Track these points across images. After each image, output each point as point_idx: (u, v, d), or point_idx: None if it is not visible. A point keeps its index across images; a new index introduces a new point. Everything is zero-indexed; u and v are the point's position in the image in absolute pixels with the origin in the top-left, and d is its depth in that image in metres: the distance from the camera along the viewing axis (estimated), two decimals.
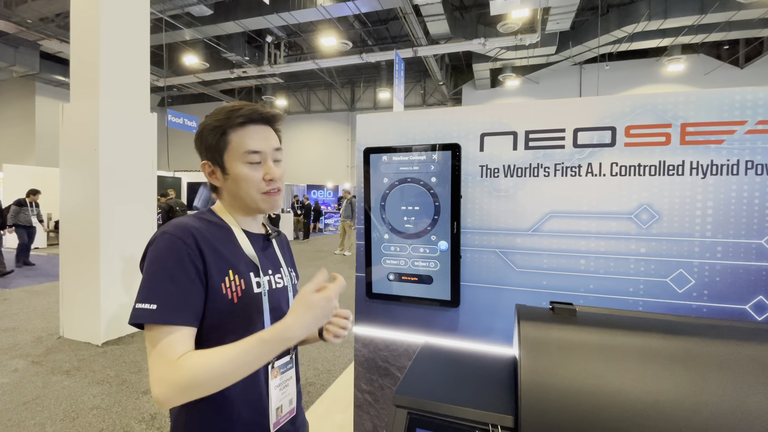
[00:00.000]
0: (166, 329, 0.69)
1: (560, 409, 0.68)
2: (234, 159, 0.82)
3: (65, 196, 3.94)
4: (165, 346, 0.68)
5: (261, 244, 0.92)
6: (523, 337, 0.78)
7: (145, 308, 0.69)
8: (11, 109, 14.60)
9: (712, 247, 1.11)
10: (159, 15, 9.56)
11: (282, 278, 0.93)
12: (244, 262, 0.83)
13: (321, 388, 2.97)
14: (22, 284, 6.05)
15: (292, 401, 0.92)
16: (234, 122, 0.81)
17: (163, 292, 0.71)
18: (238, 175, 0.82)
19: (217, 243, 0.80)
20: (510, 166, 1.27)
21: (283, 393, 0.89)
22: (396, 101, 9.37)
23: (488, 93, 15.56)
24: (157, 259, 0.73)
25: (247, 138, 0.82)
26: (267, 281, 0.87)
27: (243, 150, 0.81)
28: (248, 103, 0.84)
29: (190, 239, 0.75)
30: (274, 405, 0.85)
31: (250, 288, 0.82)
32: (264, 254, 0.91)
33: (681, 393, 0.65)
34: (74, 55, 3.97)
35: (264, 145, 0.83)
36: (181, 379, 0.65)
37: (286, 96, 18.95)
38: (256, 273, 0.85)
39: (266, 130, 0.85)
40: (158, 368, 0.66)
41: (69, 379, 3.05)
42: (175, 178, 12.21)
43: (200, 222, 0.82)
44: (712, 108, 1.10)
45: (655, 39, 11.33)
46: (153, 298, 0.70)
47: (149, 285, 0.71)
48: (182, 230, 0.76)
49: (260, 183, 0.83)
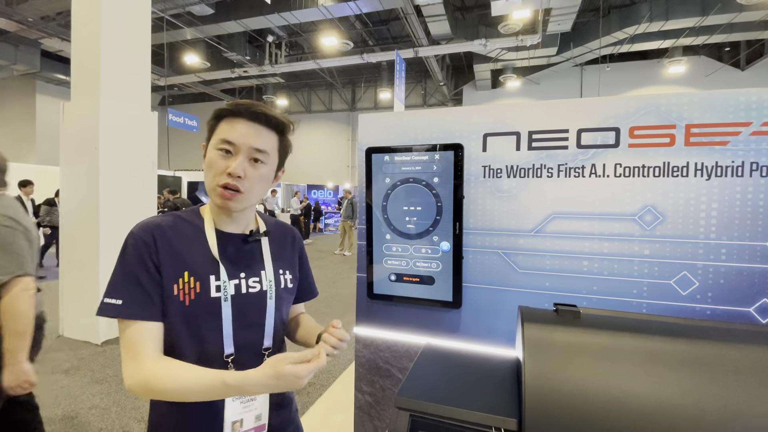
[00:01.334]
0: (134, 324, 0.74)
1: (565, 412, 0.67)
2: (212, 144, 0.82)
3: (65, 195, 3.93)
4: (133, 341, 0.73)
5: (237, 244, 0.86)
6: (527, 339, 0.77)
7: (112, 303, 0.74)
8: (12, 107, 14.59)
9: (717, 249, 1.10)
10: (160, 14, 9.55)
11: (260, 282, 0.86)
12: (204, 263, 0.80)
13: (320, 389, 2.96)
14: None
15: (260, 417, 0.84)
16: (227, 110, 0.82)
17: (127, 288, 0.75)
18: (208, 160, 0.82)
19: (179, 242, 0.80)
20: (513, 166, 1.26)
21: (246, 407, 0.82)
22: (397, 101, 9.37)
23: (489, 94, 15.56)
24: (122, 256, 0.78)
25: (228, 127, 0.80)
26: (234, 285, 0.82)
27: (219, 137, 0.81)
28: (253, 101, 0.83)
29: (149, 238, 0.78)
30: (229, 417, 0.80)
31: (206, 291, 0.79)
32: (239, 255, 0.86)
33: (686, 396, 0.64)
34: (75, 54, 3.97)
35: (240, 139, 0.79)
36: (145, 381, 0.71)
37: (287, 96, 18.95)
38: (218, 276, 0.81)
39: (256, 127, 0.81)
40: (127, 361, 0.73)
41: (68, 378, 3.05)
42: (176, 177, 12.21)
43: (173, 220, 0.83)
44: (716, 109, 1.09)
45: (656, 40, 11.34)
46: (118, 294, 0.75)
47: (115, 281, 0.76)
48: (144, 229, 0.79)
49: (221, 174, 0.79)
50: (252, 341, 0.84)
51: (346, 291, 5.94)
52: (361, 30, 12.52)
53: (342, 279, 6.85)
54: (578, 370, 0.71)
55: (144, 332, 0.74)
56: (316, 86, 18.94)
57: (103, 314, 0.75)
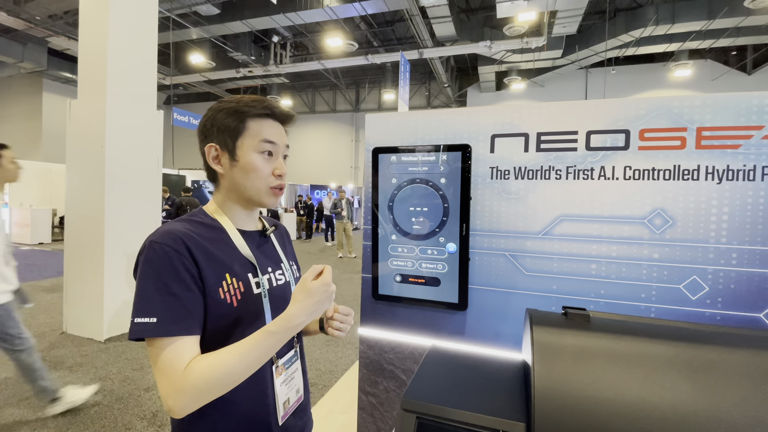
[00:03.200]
0: (169, 341, 0.68)
1: (575, 417, 0.66)
2: (248, 146, 0.80)
3: (71, 193, 3.95)
4: (171, 358, 0.67)
5: (257, 241, 0.89)
6: (537, 342, 0.76)
7: (145, 322, 0.67)
8: (18, 104, 14.70)
9: (727, 253, 1.09)
10: (166, 13, 9.59)
11: (283, 274, 0.91)
12: (240, 264, 0.81)
13: (323, 389, 2.96)
14: (28, 279, 6.08)
15: (299, 390, 0.92)
16: (256, 111, 0.81)
17: (161, 304, 0.68)
18: (249, 163, 0.80)
19: (211, 246, 0.77)
20: (521, 168, 1.26)
21: (290, 386, 0.88)
22: (401, 102, 9.37)
23: (493, 96, 15.54)
24: (151, 270, 0.70)
25: (266, 128, 0.82)
26: (267, 280, 0.85)
27: (260, 138, 0.80)
28: (266, 98, 0.84)
29: (182, 246, 0.72)
30: (281, 400, 0.85)
31: (249, 290, 0.80)
32: (262, 252, 0.88)
33: (699, 403, 0.63)
34: (82, 53, 3.99)
35: (280, 140, 0.83)
36: (193, 387, 0.65)
37: (291, 96, 18.98)
38: (255, 273, 0.82)
39: (280, 127, 0.86)
40: (168, 380, 0.66)
41: (72, 374, 3.05)
42: (180, 176, 12.25)
43: (191, 225, 0.79)
44: (728, 112, 1.08)
45: (662, 44, 11.28)
46: (152, 312, 0.68)
47: (146, 298, 0.69)
48: (172, 238, 0.72)
49: (269, 177, 0.82)
50: None
51: (351, 291, 5.94)
52: (366, 31, 12.54)
53: (343, 281, 6.85)
54: (589, 374, 0.69)
55: (184, 348, 0.68)
56: (320, 87, 18.97)
57: (137, 335, 0.67)
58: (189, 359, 0.68)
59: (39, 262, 7.60)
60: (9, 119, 14.96)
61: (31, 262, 7.45)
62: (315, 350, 3.71)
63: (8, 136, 14.93)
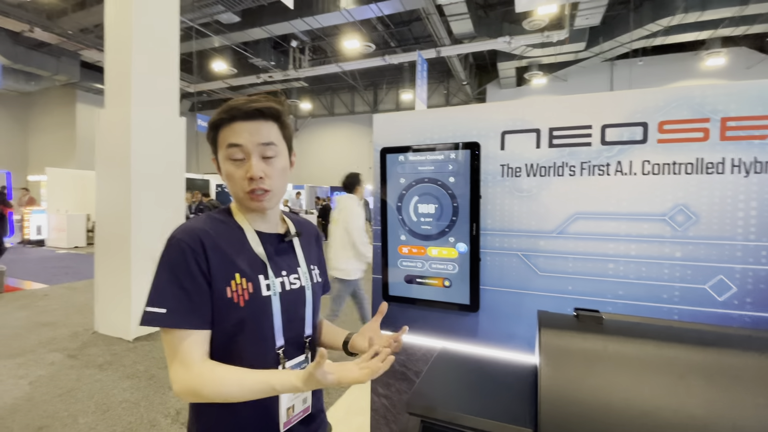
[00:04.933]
0: (179, 333, 0.73)
1: (583, 424, 0.63)
2: (222, 155, 0.81)
3: (100, 198, 4.12)
4: (180, 350, 0.72)
5: (275, 244, 0.89)
6: (544, 345, 0.73)
7: (155, 312, 0.72)
8: (54, 115, 15.48)
9: (756, 251, 1.02)
10: (189, 23, 9.90)
11: (298, 278, 0.90)
12: (252, 265, 0.82)
13: (340, 391, 2.97)
14: (63, 281, 6.39)
15: (306, 400, 0.91)
16: (222, 117, 0.79)
17: (172, 296, 0.73)
18: (225, 172, 0.81)
19: (226, 245, 0.79)
20: (533, 165, 1.22)
21: (296, 394, 0.87)
22: (418, 102, 9.33)
23: (514, 92, 15.23)
24: (166, 263, 0.75)
25: (229, 133, 0.79)
26: (279, 283, 0.85)
27: (225, 144, 0.79)
28: (240, 100, 0.80)
29: (197, 243, 0.75)
30: (284, 405, 0.84)
31: (258, 291, 0.80)
32: (278, 255, 0.89)
33: (717, 412, 0.59)
34: (108, 64, 4.16)
35: (245, 140, 0.78)
36: (194, 388, 0.71)
37: (311, 99, 19.21)
38: (266, 275, 0.83)
39: (255, 124, 0.79)
40: (175, 369, 0.73)
41: (101, 372, 3.18)
42: (204, 180, 12.61)
43: (212, 223, 0.82)
44: (755, 100, 1.01)
45: (692, 32, 10.76)
46: (162, 302, 0.72)
47: (159, 289, 0.73)
48: (190, 234, 0.76)
49: (242, 182, 0.79)
50: (296, 333, 0.89)
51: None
52: (383, 32, 12.54)
53: None
54: (598, 379, 0.66)
55: (190, 340, 0.73)
56: (338, 89, 19.11)
57: (147, 324, 0.72)
58: (198, 355, 0.73)
59: (74, 264, 7.97)
60: (46, 129, 15.77)
61: (66, 265, 7.82)
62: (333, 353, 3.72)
63: (45, 145, 15.76)
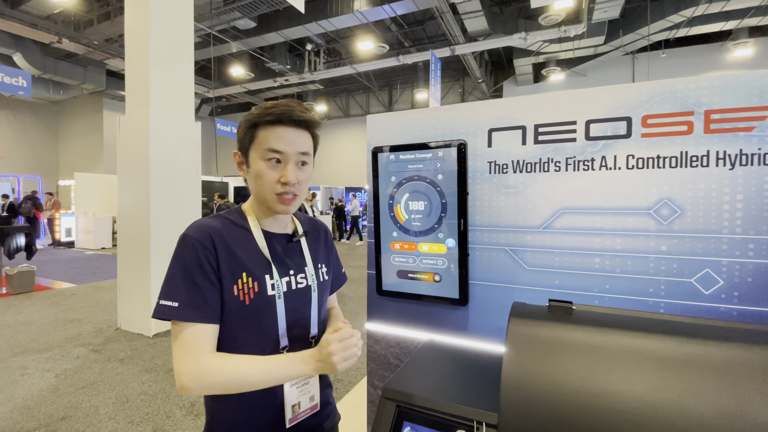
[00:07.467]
0: (190, 326, 0.75)
1: (541, 408, 0.66)
2: (256, 154, 0.83)
3: (122, 200, 4.32)
4: (190, 342, 0.75)
5: (283, 244, 0.92)
6: (510, 334, 0.76)
7: (168, 305, 0.75)
8: (82, 122, 16.19)
9: (743, 244, 1.01)
10: (207, 30, 10.18)
11: (305, 278, 0.93)
12: (259, 264, 0.85)
13: (349, 386, 3.02)
14: (90, 280, 6.69)
15: (313, 398, 0.92)
16: (265, 119, 0.82)
17: (184, 291, 0.76)
18: (256, 171, 0.83)
19: (234, 244, 0.83)
20: (519, 161, 1.24)
21: (302, 390, 0.90)
22: (432, 101, 9.32)
23: (531, 88, 15.00)
24: (179, 259, 0.78)
25: (272, 136, 0.82)
26: (285, 282, 0.88)
27: (265, 147, 0.82)
28: (288, 103, 0.84)
29: (208, 241, 0.79)
30: (289, 402, 0.87)
31: (263, 290, 0.83)
32: (286, 254, 0.91)
33: (669, 397, 0.60)
34: (128, 73, 4.36)
35: (287, 147, 0.82)
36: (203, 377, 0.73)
37: (326, 101, 19.43)
38: (272, 275, 0.85)
39: (297, 132, 0.84)
40: (184, 361, 0.74)
41: (122, 366, 3.34)
42: (223, 182, 12.94)
43: (222, 222, 0.85)
44: (739, 93, 1.00)
45: (718, 22, 10.37)
46: (175, 296, 0.76)
47: (172, 283, 0.77)
48: (201, 232, 0.80)
49: (275, 184, 0.83)
50: (302, 332, 0.91)
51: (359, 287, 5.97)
52: (397, 32, 12.58)
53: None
54: (559, 366, 0.69)
55: (200, 334, 0.75)
56: (353, 91, 19.26)
57: (159, 317, 0.76)
58: (207, 347, 0.76)
59: (100, 265, 8.33)
60: (75, 136, 16.50)
61: (93, 265, 8.18)
62: None
63: (74, 151, 16.48)
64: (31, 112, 16.11)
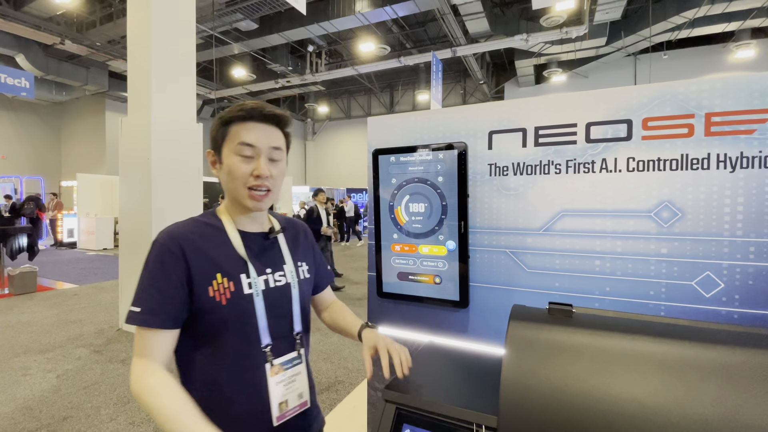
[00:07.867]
0: (146, 331, 0.77)
1: (541, 410, 0.66)
2: (229, 150, 0.84)
3: (124, 201, 4.33)
4: (143, 347, 0.77)
5: (260, 242, 0.91)
6: (510, 336, 0.76)
7: (132, 310, 0.78)
8: (84, 123, 16.23)
9: (744, 247, 1.01)
10: (209, 32, 10.22)
11: (284, 275, 0.93)
12: (234, 264, 0.85)
13: (350, 387, 3.02)
14: (92, 281, 6.71)
15: (302, 395, 0.92)
16: (236, 114, 0.84)
17: (147, 297, 0.78)
18: (229, 166, 0.84)
19: (207, 246, 0.83)
20: (519, 163, 1.24)
21: (289, 388, 0.89)
22: (433, 102, 9.32)
23: (532, 90, 15.00)
24: (146, 265, 0.80)
25: (244, 131, 0.83)
26: (263, 281, 0.87)
27: (237, 141, 0.83)
28: (259, 102, 0.86)
29: (176, 247, 0.80)
30: (275, 400, 0.86)
31: (239, 289, 0.83)
32: (263, 253, 0.91)
33: (670, 401, 0.60)
34: (131, 74, 4.37)
35: (259, 141, 0.84)
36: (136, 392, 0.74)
37: (328, 103, 19.47)
38: (248, 274, 0.85)
39: (268, 127, 0.86)
40: (135, 366, 0.76)
41: (124, 367, 3.34)
42: None
43: (194, 225, 0.86)
44: (740, 95, 1.00)
45: (720, 23, 10.36)
46: (139, 302, 0.78)
47: (139, 289, 0.79)
48: (170, 238, 0.81)
49: (247, 177, 0.83)
50: (284, 330, 0.91)
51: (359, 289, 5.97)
52: (398, 33, 12.59)
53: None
54: (559, 369, 0.69)
55: (152, 339, 0.77)
56: (355, 92, 19.29)
57: (127, 321, 0.78)
58: (156, 352, 0.77)
59: (102, 265, 8.35)
60: (77, 137, 16.54)
61: (95, 266, 8.20)
62: (344, 348, 3.79)
63: (77, 152, 16.52)
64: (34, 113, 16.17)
